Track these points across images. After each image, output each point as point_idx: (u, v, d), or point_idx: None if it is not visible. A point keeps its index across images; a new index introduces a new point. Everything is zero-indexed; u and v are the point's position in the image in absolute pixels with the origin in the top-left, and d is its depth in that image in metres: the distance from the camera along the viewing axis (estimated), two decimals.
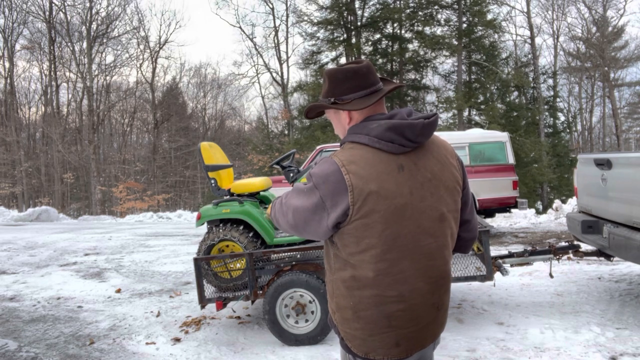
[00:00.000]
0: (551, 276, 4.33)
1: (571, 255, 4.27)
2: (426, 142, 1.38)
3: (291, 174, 4.23)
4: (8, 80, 27.73)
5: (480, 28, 19.38)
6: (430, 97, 21.83)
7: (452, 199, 1.41)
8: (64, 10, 25.82)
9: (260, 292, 3.73)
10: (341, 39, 20.11)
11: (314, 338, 3.60)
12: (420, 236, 1.33)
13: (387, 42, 20.56)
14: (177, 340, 3.90)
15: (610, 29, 26.27)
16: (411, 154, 1.34)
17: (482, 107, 19.47)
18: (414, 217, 1.31)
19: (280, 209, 1.48)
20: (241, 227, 4.08)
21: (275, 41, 24.86)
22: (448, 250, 1.42)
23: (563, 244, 4.34)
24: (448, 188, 1.39)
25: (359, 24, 19.84)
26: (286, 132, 23.55)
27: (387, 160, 1.31)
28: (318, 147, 9.40)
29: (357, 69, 1.39)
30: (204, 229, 9.53)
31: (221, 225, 4.11)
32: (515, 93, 21.18)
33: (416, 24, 19.70)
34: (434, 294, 1.38)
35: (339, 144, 1.65)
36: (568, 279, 5.11)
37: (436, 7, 19.51)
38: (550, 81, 22.84)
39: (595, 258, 4.56)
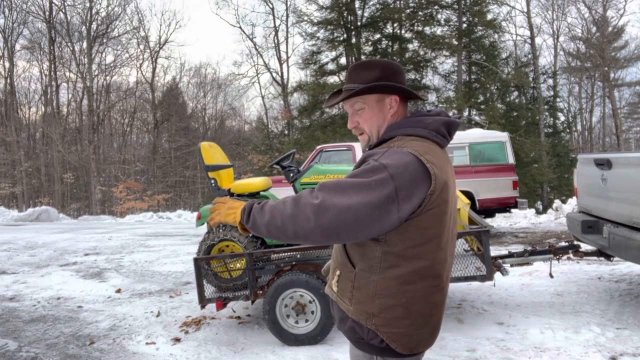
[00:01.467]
0: (551, 276, 4.32)
1: (571, 255, 4.27)
2: None
3: (291, 174, 4.24)
4: (8, 80, 27.75)
5: (480, 28, 19.38)
6: (430, 97, 21.81)
7: None
8: (64, 10, 25.87)
9: (260, 292, 3.73)
10: (341, 39, 20.11)
11: (314, 338, 3.60)
12: (453, 223, 1.44)
13: (387, 42, 20.56)
14: (177, 340, 3.90)
15: (610, 29, 26.27)
16: (446, 149, 1.45)
17: (482, 107, 19.46)
18: (453, 206, 1.42)
19: (296, 210, 1.28)
20: None
21: (275, 41, 24.87)
22: None
23: (563, 244, 4.33)
24: (455, 181, 1.51)
25: (359, 24, 19.84)
26: (286, 132, 23.53)
27: (443, 153, 1.40)
28: (318, 147, 9.39)
29: (401, 68, 1.49)
30: (204, 229, 9.53)
31: (221, 225, 4.11)
32: (515, 93, 21.18)
33: (416, 24, 19.70)
34: (450, 278, 1.49)
35: (339, 144, 1.68)
36: (568, 279, 5.11)
37: (436, 7, 19.51)
38: (550, 81, 22.84)
39: (595, 258, 4.56)
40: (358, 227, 1.25)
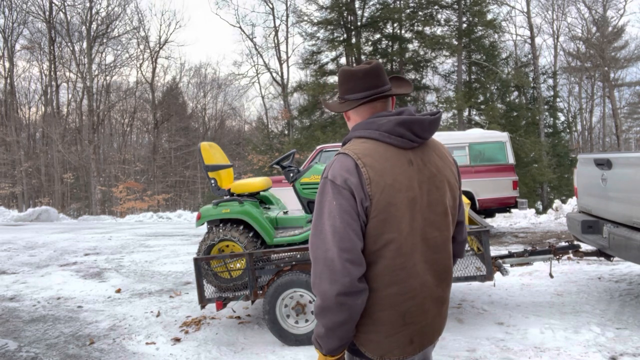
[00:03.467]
0: (551, 276, 4.33)
1: (571, 255, 4.27)
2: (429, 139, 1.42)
3: (291, 174, 4.24)
4: (8, 80, 27.74)
5: (480, 28, 19.38)
6: (430, 97, 21.84)
7: (452, 195, 1.44)
8: (64, 10, 25.86)
9: (260, 292, 3.73)
10: (341, 39, 20.11)
11: None
12: (427, 229, 1.35)
13: (387, 42, 20.56)
14: (177, 340, 3.90)
15: (610, 29, 26.27)
16: (417, 149, 1.37)
17: (482, 107, 19.47)
18: (422, 210, 1.34)
19: (316, 275, 1.30)
20: (241, 227, 4.08)
21: (275, 41, 24.87)
22: (451, 244, 1.45)
23: (563, 244, 4.34)
24: (450, 184, 1.43)
25: (359, 24, 19.84)
26: (286, 132, 23.54)
27: (398, 155, 1.33)
28: (318, 147, 9.39)
29: (355, 72, 1.43)
30: (204, 229, 9.53)
31: (221, 225, 4.11)
32: (515, 93, 21.18)
33: (416, 24, 19.70)
34: (439, 287, 1.41)
35: (339, 143, 1.67)
36: (568, 279, 5.11)
37: (436, 7, 19.51)
38: (550, 81, 22.86)
39: (595, 258, 4.56)
40: (350, 239, 1.27)
